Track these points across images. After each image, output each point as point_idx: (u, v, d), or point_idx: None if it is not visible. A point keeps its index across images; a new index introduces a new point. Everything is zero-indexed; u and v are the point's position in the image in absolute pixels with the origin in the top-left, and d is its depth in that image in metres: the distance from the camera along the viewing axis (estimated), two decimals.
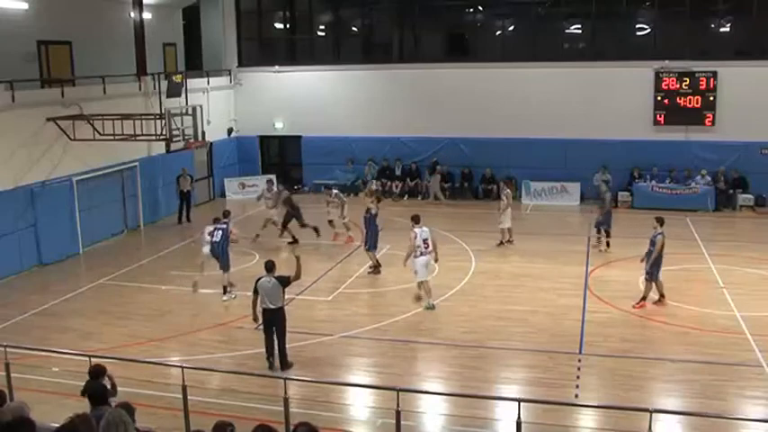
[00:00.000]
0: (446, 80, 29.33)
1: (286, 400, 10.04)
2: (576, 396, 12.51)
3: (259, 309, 13.70)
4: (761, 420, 11.34)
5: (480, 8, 31.54)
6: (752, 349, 14.31)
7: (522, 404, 9.56)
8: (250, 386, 12.13)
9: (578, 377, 13.24)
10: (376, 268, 19.52)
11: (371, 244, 19.61)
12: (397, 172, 29.98)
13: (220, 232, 17.83)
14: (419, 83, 29.65)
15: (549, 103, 28.21)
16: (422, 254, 16.79)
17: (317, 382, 12.58)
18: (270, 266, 13.75)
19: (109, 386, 8.96)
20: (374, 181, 29.20)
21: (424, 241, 16.84)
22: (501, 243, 22.21)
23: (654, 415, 9.05)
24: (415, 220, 17.19)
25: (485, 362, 14.19)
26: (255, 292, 13.57)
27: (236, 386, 12.37)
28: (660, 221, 16.99)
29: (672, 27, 28.80)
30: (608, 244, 21.55)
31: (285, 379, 10.34)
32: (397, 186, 29.49)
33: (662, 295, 16.94)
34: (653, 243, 16.76)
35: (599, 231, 21.77)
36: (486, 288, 18.35)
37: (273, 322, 13.58)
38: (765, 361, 13.72)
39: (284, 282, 13.56)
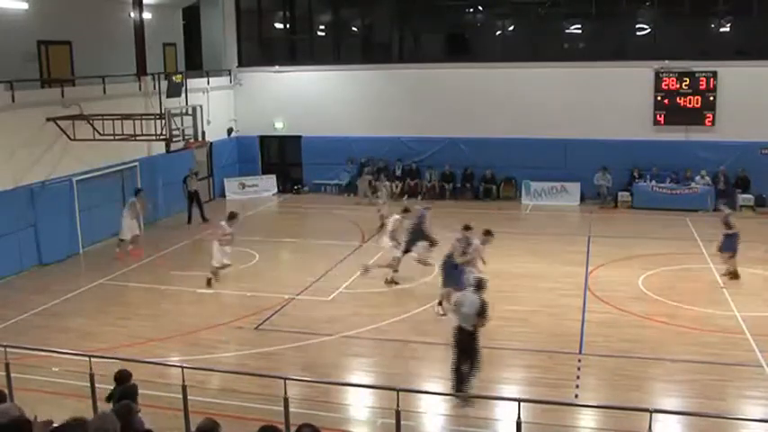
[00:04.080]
0: (446, 80, 29.34)
1: (286, 401, 10.04)
2: (576, 396, 12.51)
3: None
4: (761, 420, 11.34)
5: (480, 8, 31.56)
6: (752, 349, 14.30)
7: (521, 404, 9.56)
8: (250, 386, 12.13)
9: (578, 377, 13.24)
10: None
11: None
12: (397, 172, 30.00)
13: None
14: (419, 83, 29.65)
15: (549, 103, 28.22)
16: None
17: (317, 383, 12.58)
18: (482, 284, 12.62)
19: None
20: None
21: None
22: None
23: (654, 415, 9.05)
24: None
25: (485, 362, 14.12)
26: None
27: (236, 386, 12.37)
28: None
29: (672, 27, 28.78)
30: (732, 274, 18.70)
31: (285, 379, 10.33)
32: (396, 186, 29.48)
33: None
34: None
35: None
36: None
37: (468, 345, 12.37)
38: (765, 361, 13.71)
39: (483, 309, 12.33)
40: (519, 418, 9.38)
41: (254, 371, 12.90)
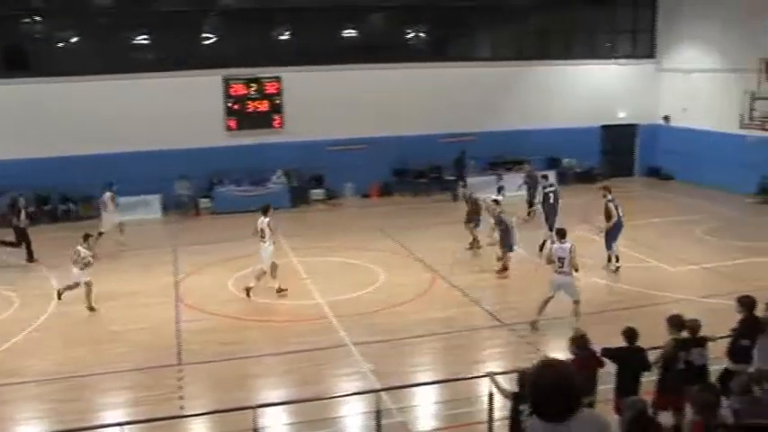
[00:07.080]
0: (3, 97, 26.83)
1: None
2: (182, 407, 12.39)
3: None
4: (353, 394, 12.24)
5: (38, 18, 29.17)
6: (337, 331, 15.50)
7: (126, 427, 9.25)
8: None
9: (181, 387, 13.17)
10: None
11: None
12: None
13: None
14: None
15: (120, 117, 26.78)
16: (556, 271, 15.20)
17: None
18: None
19: None
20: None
21: (559, 259, 15.16)
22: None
23: (259, 410, 9.30)
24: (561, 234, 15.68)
25: (83, 392, 13.37)
26: None
27: None
28: None
29: (237, 36, 29.48)
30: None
31: None
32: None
33: None
34: None
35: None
36: (71, 315, 17.04)
37: None
38: (349, 339, 15.04)
39: None
40: None
41: None
